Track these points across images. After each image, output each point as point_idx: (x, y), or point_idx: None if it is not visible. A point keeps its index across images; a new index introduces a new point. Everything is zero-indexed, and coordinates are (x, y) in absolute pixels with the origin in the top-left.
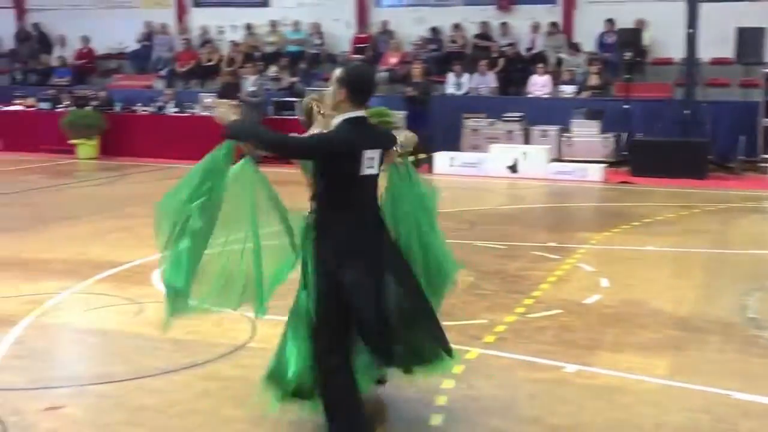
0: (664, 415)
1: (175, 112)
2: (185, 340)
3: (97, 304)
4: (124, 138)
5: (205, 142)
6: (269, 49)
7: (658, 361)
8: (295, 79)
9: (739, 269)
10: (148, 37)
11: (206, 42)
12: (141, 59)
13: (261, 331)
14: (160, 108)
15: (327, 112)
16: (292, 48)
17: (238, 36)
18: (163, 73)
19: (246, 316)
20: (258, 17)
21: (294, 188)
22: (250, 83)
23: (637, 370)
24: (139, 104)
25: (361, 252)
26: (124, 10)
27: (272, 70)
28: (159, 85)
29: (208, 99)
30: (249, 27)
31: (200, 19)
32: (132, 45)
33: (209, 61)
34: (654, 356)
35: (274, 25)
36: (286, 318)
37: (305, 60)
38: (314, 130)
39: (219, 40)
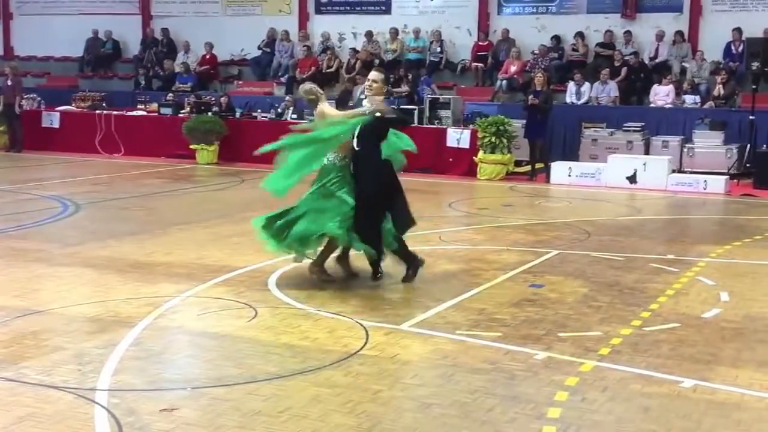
0: None
1: (294, 119)
2: (298, 346)
3: (214, 307)
4: (244, 144)
5: None
6: (389, 56)
7: None
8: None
9: None
10: (270, 43)
11: (327, 49)
12: (262, 66)
13: (374, 339)
14: (280, 114)
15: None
16: (412, 55)
17: (359, 43)
18: (283, 79)
19: (360, 324)
20: (379, 25)
21: None
22: (360, 92)
23: (758, 387)
24: (259, 110)
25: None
26: (247, 18)
27: (391, 78)
28: (279, 91)
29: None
30: (370, 34)
31: (322, 26)
32: (253, 52)
33: (329, 67)
34: None
35: (395, 32)
36: (399, 327)
37: (425, 67)
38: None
39: (339, 47)
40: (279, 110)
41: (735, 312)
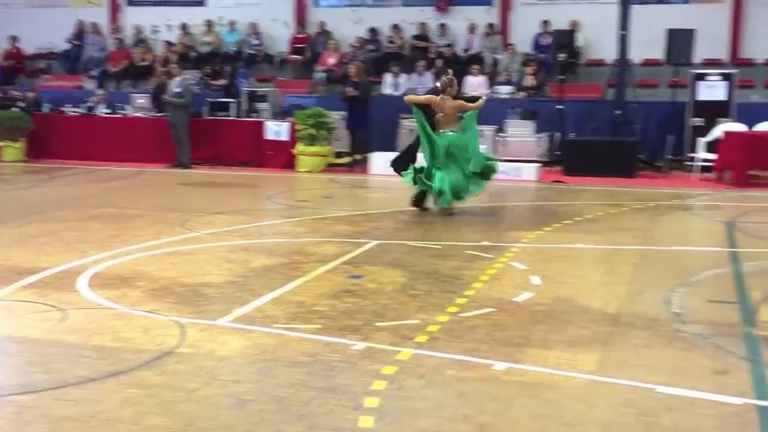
0: (590, 410)
1: (107, 113)
2: (110, 347)
3: (19, 311)
4: (53, 140)
5: (138, 142)
6: (205, 49)
7: (587, 357)
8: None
9: (665, 265)
10: (79, 36)
11: (140, 42)
12: (71, 59)
13: (190, 336)
14: (90, 109)
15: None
16: (229, 48)
17: (173, 36)
18: (94, 73)
19: (175, 321)
20: (194, 17)
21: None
22: (175, 84)
23: (566, 366)
24: (69, 105)
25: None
26: (55, 9)
27: (208, 70)
28: (89, 85)
29: (140, 100)
30: (184, 27)
31: (134, 18)
32: (62, 45)
33: (143, 61)
34: (582, 352)
35: (210, 24)
36: (216, 323)
37: (243, 60)
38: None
39: (153, 40)
40: (90, 105)
41: (545, 295)
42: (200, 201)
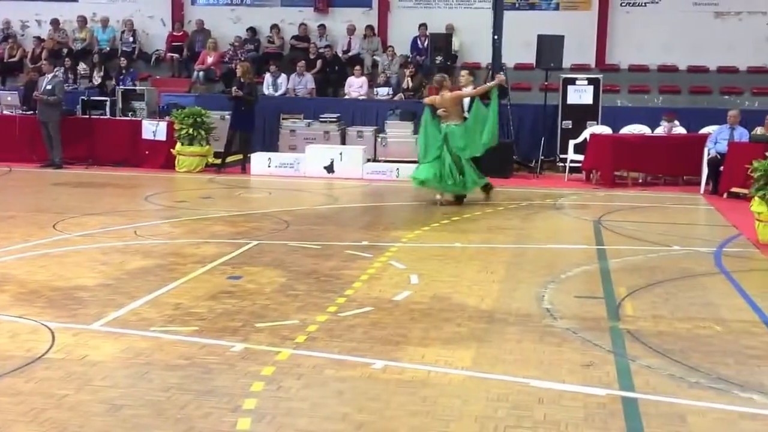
0: (465, 405)
1: None
2: None
3: None
4: None
5: (6, 141)
6: (78, 45)
7: (463, 354)
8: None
9: (537, 263)
10: None
11: (8, 37)
12: None
13: (61, 341)
14: None
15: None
16: (104, 45)
17: (44, 31)
18: None
19: (45, 326)
20: (66, 12)
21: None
22: (46, 82)
23: (442, 363)
24: None
25: None
26: None
27: (81, 67)
28: None
29: (9, 97)
30: (56, 22)
31: (1, 12)
32: None
33: (11, 57)
34: (458, 349)
35: (83, 20)
36: (89, 327)
37: (118, 58)
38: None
39: (22, 35)
40: None
41: (423, 293)
42: (73, 202)
